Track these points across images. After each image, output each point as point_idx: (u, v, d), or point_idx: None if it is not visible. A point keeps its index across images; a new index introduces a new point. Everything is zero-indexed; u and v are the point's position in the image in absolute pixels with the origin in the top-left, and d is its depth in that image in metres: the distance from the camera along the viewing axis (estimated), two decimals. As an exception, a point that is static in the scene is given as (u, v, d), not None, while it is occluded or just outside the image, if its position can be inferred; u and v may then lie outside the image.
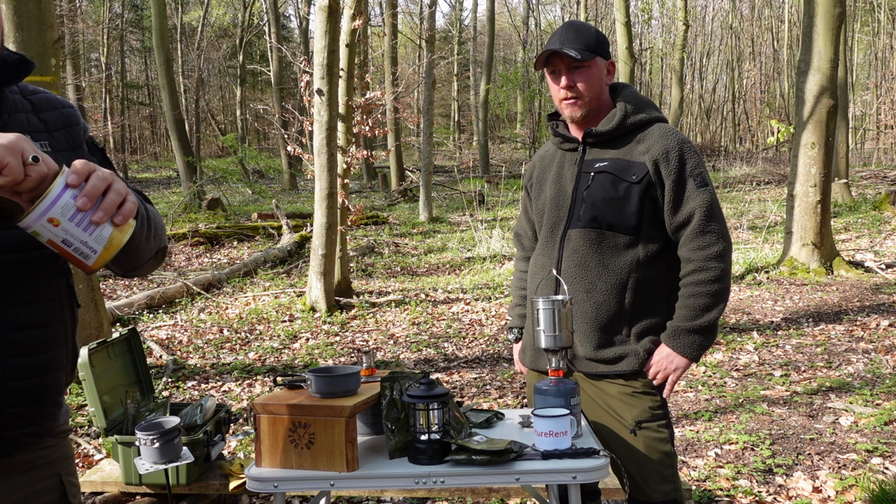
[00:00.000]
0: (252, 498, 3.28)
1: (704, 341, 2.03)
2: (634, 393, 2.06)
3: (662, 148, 2.03)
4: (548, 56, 2.07)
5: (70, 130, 1.34)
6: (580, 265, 2.07)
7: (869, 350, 5.27)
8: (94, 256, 1.06)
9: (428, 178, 14.71)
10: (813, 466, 3.46)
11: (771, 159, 22.83)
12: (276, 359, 5.74)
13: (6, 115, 1.25)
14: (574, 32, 2.07)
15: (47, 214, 1.02)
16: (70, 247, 1.05)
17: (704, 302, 2.00)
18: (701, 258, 2.01)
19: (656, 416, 2.06)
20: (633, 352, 2.05)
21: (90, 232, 1.05)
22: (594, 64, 2.07)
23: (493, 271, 9.15)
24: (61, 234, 1.03)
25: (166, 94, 17.48)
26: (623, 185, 2.04)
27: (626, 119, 2.08)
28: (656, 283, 2.08)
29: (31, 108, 1.31)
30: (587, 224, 2.07)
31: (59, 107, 1.35)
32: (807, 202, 7.90)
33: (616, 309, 2.05)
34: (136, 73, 37.45)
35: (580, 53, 2.03)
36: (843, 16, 7.96)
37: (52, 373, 1.26)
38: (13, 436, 1.21)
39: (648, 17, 28.74)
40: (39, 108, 1.32)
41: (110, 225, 1.07)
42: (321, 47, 6.82)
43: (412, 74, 22.92)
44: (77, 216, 1.04)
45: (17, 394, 1.19)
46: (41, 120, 1.31)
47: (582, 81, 2.07)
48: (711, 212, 2.01)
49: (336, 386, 1.72)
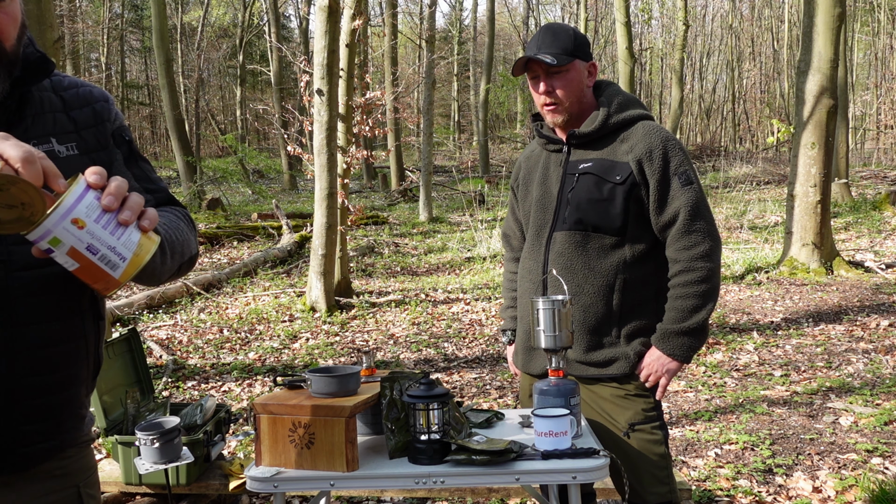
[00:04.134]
0: (252, 498, 3.28)
1: (694, 343, 2.01)
2: (627, 396, 2.06)
3: (646, 147, 2.01)
4: (525, 62, 2.05)
5: (100, 128, 1.29)
6: (566, 268, 2.06)
7: (869, 350, 5.27)
8: (122, 266, 0.94)
9: (428, 178, 14.71)
10: (813, 466, 3.46)
11: (771, 159, 22.82)
12: (276, 359, 5.74)
13: (29, 117, 1.21)
14: (551, 36, 2.05)
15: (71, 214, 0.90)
16: (96, 254, 0.92)
17: (692, 303, 1.98)
18: (687, 258, 1.99)
19: (650, 417, 2.05)
20: (623, 355, 2.04)
21: (118, 235, 0.93)
22: (573, 67, 2.05)
23: (492, 271, 9.15)
24: (86, 237, 0.91)
25: (166, 94, 17.48)
26: (607, 187, 2.02)
27: (609, 119, 2.07)
28: (645, 283, 2.06)
29: (62, 106, 1.25)
30: (572, 226, 2.06)
31: (92, 102, 1.30)
32: (807, 202, 7.89)
33: (604, 311, 2.04)
34: (136, 73, 37.44)
35: (556, 58, 2.00)
36: (843, 16, 7.96)
37: (72, 388, 1.21)
38: (30, 451, 1.17)
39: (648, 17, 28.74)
40: (71, 106, 1.26)
41: (137, 230, 0.96)
42: (321, 47, 6.82)
43: (412, 74, 22.92)
44: (103, 217, 0.92)
45: (33, 411, 1.16)
46: (70, 118, 1.25)
47: (560, 87, 2.05)
48: (697, 210, 1.99)
49: (336, 386, 1.72)
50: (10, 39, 1.13)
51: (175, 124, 17.70)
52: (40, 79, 1.23)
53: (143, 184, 1.33)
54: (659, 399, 2.07)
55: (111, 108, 1.33)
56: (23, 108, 1.20)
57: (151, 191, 1.33)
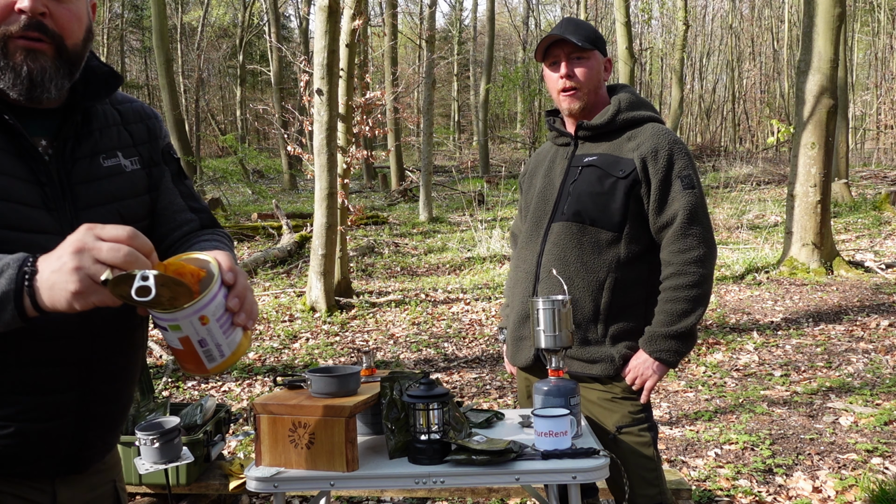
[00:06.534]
0: (252, 498, 3.28)
1: (682, 347, 2.00)
2: (614, 398, 2.05)
3: (652, 146, 2.01)
4: (548, 46, 2.07)
5: (153, 144, 1.33)
6: (560, 259, 2.06)
7: (869, 350, 5.27)
8: (218, 360, 0.98)
9: (428, 178, 14.71)
10: (813, 466, 3.46)
11: (771, 159, 22.81)
12: (276, 359, 5.74)
13: (97, 130, 1.22)
14: (574, 25, 2.09)
15: (201, 312, 0.92)
16: (203, 347, 0.95)
17: (682, 307, 1.97)
18: (680, 262, 1.98)
19: (637, 420, 2.05)
20: (607, 357, 2.04)
21: (227, 334, 0.97)
22: (593, 56, 2.09)
23: (492, 271, 9.15)
24: (203, 333, 0.94)
25: (166, 94, 17.48)
26: (609, 181, 2.02)
27: (619, 114, 2.07)
28: (636, 285, 2.06)
29: (120, 119, 1.28)
30: (570, 217, 2.06)
31: (144, 118, 1.33)
32: (807, 202, 7.89)
33: (591, 308, 2.03)
34: (136, 73, 37.43)
35: (582, 43, 2.04)
36: (843, 16, 7.96)
37: (130, 395, 1.28)
38: (91, 455, 1.24)
39: (648, 17, 28.70)
40: (127, 120, 1.29)
41: (241, 329, 0.99)
42: (321, 47, 6.82)
43: (412, 74, 22.90)
44: (223, 317, 0.95)
45: (100, 418, 1.22)
46: (129, 133, 1.29)
47: (581, 72, 2.07)
48: (695, 215, 1.98)
49: (336, 386, 1.72)
50: (72, 37, 1.13)
51: (175, 124, 17.70)
52: (110, 92, 1.23)
53: (188, 202, 1.36)
54: (644, 402, 2.06)
55: (161, 125, 1.37)
56: (89, 122, 1.21)
57: (196, 210, 1.36)
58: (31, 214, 1.09)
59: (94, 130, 1.21)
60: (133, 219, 1.21)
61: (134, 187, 1.26)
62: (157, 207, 1.32)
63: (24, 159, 1.11)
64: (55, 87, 1.11)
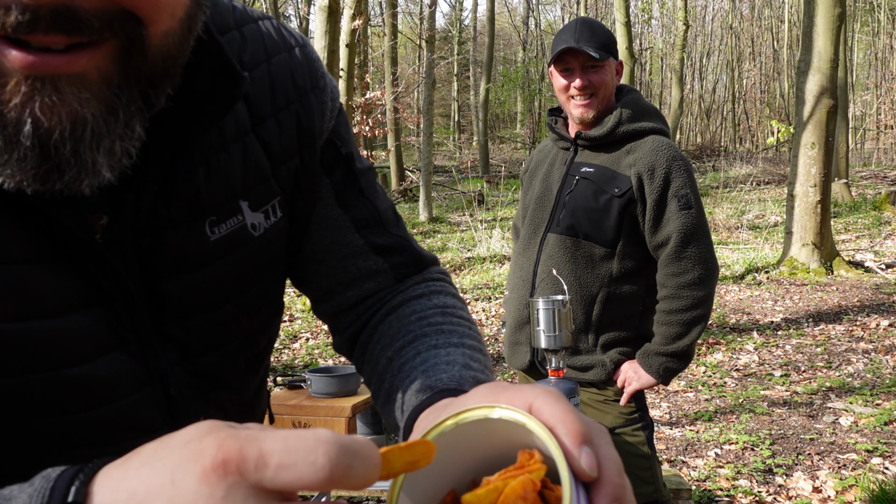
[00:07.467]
0: (252, 498, 3.28)
1: (675, 365, 2.00)
2: (607, 401, 2.06)
3: (649, 163, 1.97)
4: (561, 52, 2.02)
5: (307, 153, 0.77)
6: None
7: (869, 350, 5.27)
8: None
9: (428, 178, 14.71)
10: (813, 466, 3.46)
11: (771, 159, 22.83)
12: (276, 359, 5.74)
13: (200, 166, 0.65)
14: (589, 31, 2.02)
15: None
16: None
17: (676, 330, 1.97)
18: (674, 285, 1.96)
19: (631, 420, 2.05)
20: (599, 362, 2.04)
21: None
22: (608, 64, 2.04)
23: (493, 271, 9.15)
24: None
25: (166, 94, 17.46)
26: (604, 197, 1.99)
27: (619, 127, 2.03)
28: (631, 299, 2.04)
29: (249, 118, 0.71)
30: (564, 231, 2.04)
31: (298, 91, 0.76)
32: (807, 202, 7.90)
33: (583, 320, 2.04)
34: (136, 73, 37.43)
35: (598, 53, 1.98)
36: (843, 16, 7.96)
37: None
38: None
39: (648, 17, 28.74)
40: (263, 111, 0.73)
41: None
42: (321, 47, 6.82)
43: (412, 74, 22.92)
44: None
45: None
46: (265, 143, 0.73)
47: (598, 82, 2.02)
48: (691, 236, 1.94)
49: (336, 386, 1.72)
50: (157, 23, 0.50)
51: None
52: (229, 108, 0.63)
53: (369, 236, 0.78)
54: (622, 404, 2.05)
55: (324, 95, 0.75)
56: (187, 155, 0.64)
57: (384, 250, 0.79)
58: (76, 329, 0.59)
59: (197, 166, 0.65)
60: (248, 315, 0.72)
61: (263, 256, 0.72)
62: (310, 251, 0.78)
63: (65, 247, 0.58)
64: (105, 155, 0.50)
